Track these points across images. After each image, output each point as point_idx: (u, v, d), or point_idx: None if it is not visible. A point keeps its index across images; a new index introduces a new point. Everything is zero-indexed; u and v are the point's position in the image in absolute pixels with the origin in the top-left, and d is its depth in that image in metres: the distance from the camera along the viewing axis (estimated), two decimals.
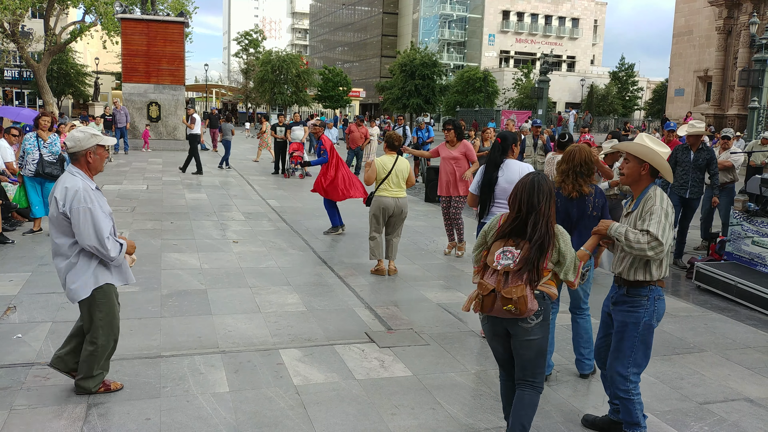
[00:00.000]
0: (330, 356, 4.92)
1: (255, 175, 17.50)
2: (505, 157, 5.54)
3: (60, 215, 3.82)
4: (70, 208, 3.78)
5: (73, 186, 3.81)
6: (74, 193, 3.79)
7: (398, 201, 7.32)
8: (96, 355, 4.03)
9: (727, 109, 38.07)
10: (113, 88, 54.05)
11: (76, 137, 3.87)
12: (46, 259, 7.48)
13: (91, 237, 3.79)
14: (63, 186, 3.84)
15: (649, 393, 4.50)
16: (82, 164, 3.93)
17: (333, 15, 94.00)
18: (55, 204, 3.82)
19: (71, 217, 3.78)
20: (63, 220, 3.82)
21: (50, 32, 31.85)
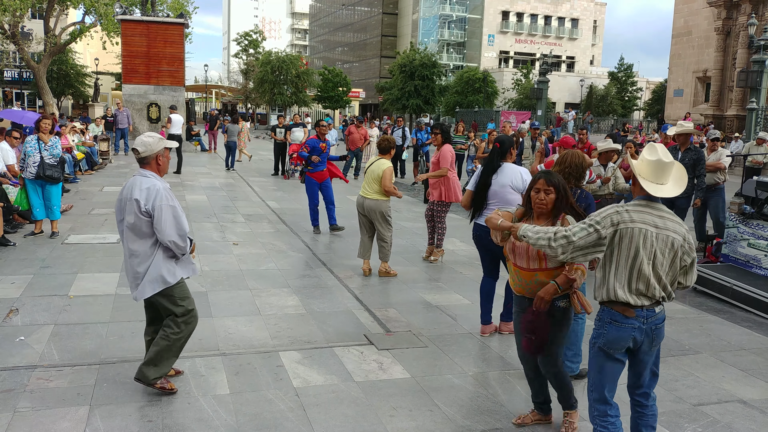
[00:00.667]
0: (329, 358, 4.98)
1: (255, 176, 17.56)
2: (503, 161, 5.60)
3: (142, 215, 4.01)
4: (152, 206, 4.01)
5: (153, 186, 4.06)
6: (156, 191, 4.03)
7: (365, 200, 7.39)
8: (170, 345, 4.19)
9: (726, 109, 38.13)
10: (113, 89, 54.04)
11: (146, 142, 4.12)
12: (48, 262, 7.54)
13: (172, 232, 4.04)
14: (143, 188, 4.04)
15: None
16: (153, 166, 4.18)
17: (333, 15, 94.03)
18: (136, 205, 4.00)
19: (154, 214, 4.01)
20: (145, 220, 4.03)
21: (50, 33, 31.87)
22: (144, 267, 4.12)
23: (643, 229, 3.15)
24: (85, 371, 4.56)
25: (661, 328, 3.31)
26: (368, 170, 7.45)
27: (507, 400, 4.40)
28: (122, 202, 4.15)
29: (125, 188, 4.17)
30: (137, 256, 4.12)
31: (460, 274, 7.84)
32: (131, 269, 4.17)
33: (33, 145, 8.67)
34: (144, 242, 4.10)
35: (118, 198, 4.20)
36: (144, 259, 4.12)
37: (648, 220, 3.17)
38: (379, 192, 7.35)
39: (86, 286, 6.64)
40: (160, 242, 4.11)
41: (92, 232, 9.30)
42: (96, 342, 5.13)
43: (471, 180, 5.75)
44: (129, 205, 4.06)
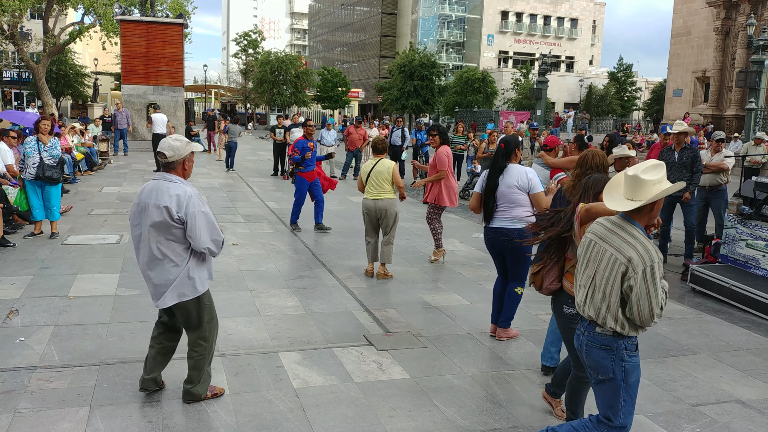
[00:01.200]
0: (329, 359, 5.00)
1: (254, 177, 17.57)
2: (509, 162, 5.61)
3: (174, 222, 3.86)
4: (186, 213, 3.86)
5: (184, 192, 3.89)
6: (188, 198, 3.88)
7: (377, 203, 7.33)
8: (205, 356, 4.15)
9: (725, 109, 38.16)
10: (112, 89, 54.06)
11: (174, 146, 3.95)
12: (48, 262, 7.55)
13: (207, 239, 3.92)
14: (172, 194, 3.87)
15: (642, 395, 4.56)
16: (179, 171, 4.01)
17: (332, 15, 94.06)
18: (166, 213, 3.84)
19: (188, 220, 3.86)
20: (176, 227, 3.88)
21: (49, 33, 31.87)
22: (175, 273, 3.96)
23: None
24: (86, 372, 4.57)
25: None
26: (373, 172, 7.39)
27: (506, 401, 4.42)
28: (141, 207, 3.96)
29: (145, 193, 3.98)
30: (167, 262, 3.94)
31: (459, 274, 7.86)
32: (158, 275, 3.97)
33: (32, 146, 8.68)
34: (176, 247, 3.95)
35: (135, 202, 4.01)
36: (176, 264, 3.96)
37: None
38: (390, 191, 7.37)
39: (86, 286, 6.65)
40: (192, 248, 3.98)
41: (92, 233, 9.31)
42: (96, 343, 5.14)
43: (478, 182, 5.76)
44: (155, 212, 3.87)
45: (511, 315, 5.55)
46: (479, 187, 5.66)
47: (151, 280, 4.01)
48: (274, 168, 18.13)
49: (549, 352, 4.87)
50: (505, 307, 5.53)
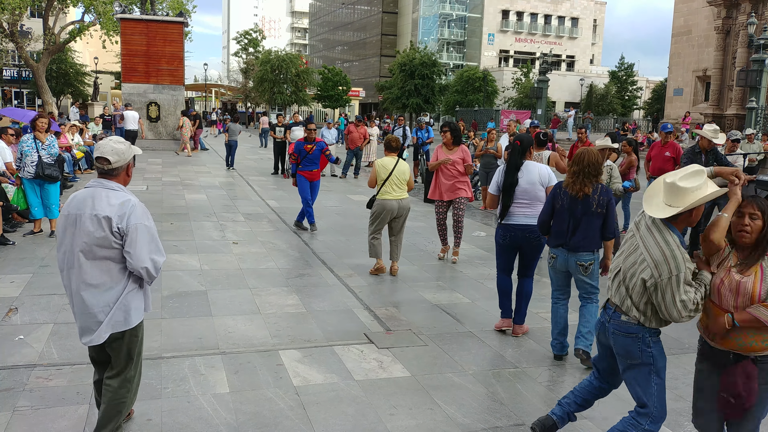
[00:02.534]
0: (329, 357, 4.98)
1: (254, 175, 17.55)
2: (524, 159, 5.64)
3: (111, 235, 3.30)
4: (127, 225, 3.30)
5: (127, 201, 3.35)
6: (131, 208, 3.34)
7: (401, 202, 7.39)
8: (127, 401, 3.57)
9: (726, 108, 38.13)
10: (112, 88, 54.02)
11: (119, 150, 3.41)
12: (47, 261, 7.53)
13: (146, 257, 3.34)
14: (112, 203, 3.33)
15: None
16: (121, 179, 3.48)
17: (332, 14, 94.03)
18: (106, 224, 3.29)
19: (128, 234, 3.31)
20: (113, 241, 3.31)
21: (49, 32, 31.85)
22: (110, 299, 3.38)
23: None
24: (85, 370, 4.54)
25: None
26: (396, 171, 7.37)
27: (507, 399, 4.40)
28: (70, 220, 3.37)
29: (75, 202, 3.40)
30: (99, 287, 3.36)
31: (460, 272, 7.84)
32: (91, 302, 3.36)
33: (30, 145, 8.66)
34: (112, 267, 3.37)
35: (63, 214, 3.43)
36: (110, 289, 3.38)
37: None
38: (406, 190, 7.51)
39: None
40: (129, 270, 3.41)
41: None
42: None
43: (492, 183, 5.77)
44: (91, 223, 3.30)
45: (526, 311, 5.70)
46: (494, 187, 5.68)
47: (84, 309, 3.39)
48: (275, 166, 18.10)
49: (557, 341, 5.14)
50: (523, 304, 5.65)
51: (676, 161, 9.80)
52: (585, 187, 4.68)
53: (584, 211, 4.73)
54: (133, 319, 3.47)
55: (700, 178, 3.06)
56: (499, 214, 5.63)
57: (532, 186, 5.52)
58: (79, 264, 3.36)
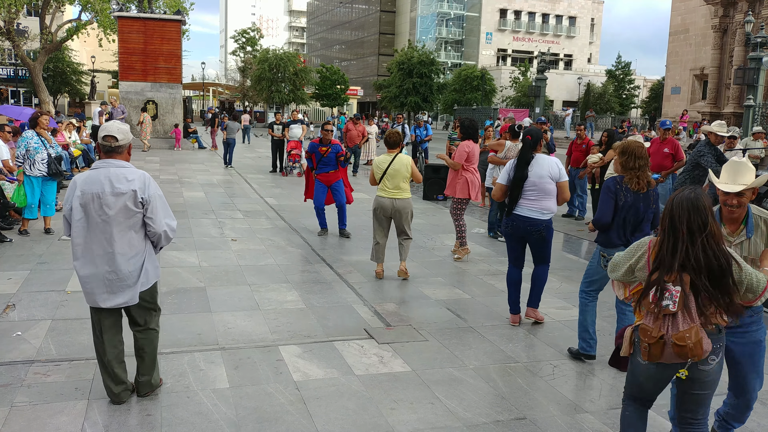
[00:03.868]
0: (329, 352, 4.95)
1: (253, 173, 17.51)
2: (534, 153, 5.65)
3: (134, 207, 3.74)
4: (148, 196, 3.78)
5: (142, 175, 3.82)
6: (149, 181, 3.83)
7: (395, 201, 6.97)
8: (157, 343, 4.15)
9: (723, 107, 38.17)
10: (110, 87, 53.94)
11: (123, 129, 3.88)
12: (45, 258, 7.49)
13: (163, 223, 3.87)
14: (131, 178, 3.75)
15: None
16: (125, 156, 3.89)
17: (330, 13, 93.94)
18: (130, 197, 3.72)
19: (150, 203, 3.79)
20: (136, 211, 3.76)
21: (46, 30, 31.77)
22: (137, 264, 3.83)
23: None
24: (83, 366, 4.52)
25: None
26: (391, 169, 7.00)
27: (508, 393, 4.38)
28: (88, 197, 3.71)
29: (90, 182, 3.73)
30: (125, 255, 3.78)
31: (460, 269, 7.82)
32: (120, 269, 3.77)
33: (37, 142, 8.64)
34: (134, 237, 3.81)
35: (77, 195, 3.74)
36: (137, 255, 3.83)
37: None
38: (408, 190, 7.10)
39: None
40: (147, 235, 3.89)
41: None
42: None
43: (502, 173, 5.77)
44: (115, 200, 3.70)
45: (539, 296, 5.77)
46: (505, 178, 5.69)
47: (112, 276, 3.77)
48: (273, 164, 18.06)
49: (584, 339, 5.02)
50: (537, 288, 5.73)
51: (675, 157, 9.79)
52: (646, 181, 4.65)
53: (646, 207, 4.66)
54: (152, 277, 3.97)
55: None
56: (507, 206, 5.63)
57: (541, 180, 5.52)
58: (104, 236, 3.75)
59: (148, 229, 3.85)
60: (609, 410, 4.19)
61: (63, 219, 3.91)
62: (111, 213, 3.71)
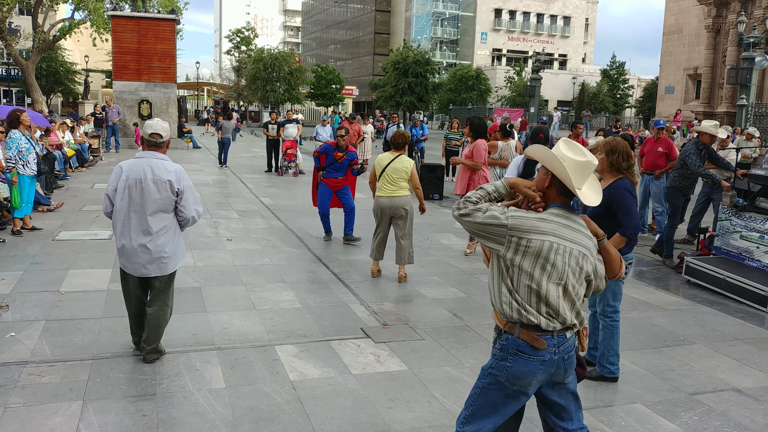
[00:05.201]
0: (326, 352, 4.95)
1: (248, 173, 17.48)
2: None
3: (171, 195, 4.45)
4: (183, 187, 4.48)
5: (179, 168, 4.52)
6: (183, 173, 4.53)
7: (393, 200, 6.96)
8: (167, 318, 4.72)
9: (716, 106, 38.30)
10: (103, 86, 53.74)
11: (166, 128, 4.58)
12: (39, 258, 7.46)
13: (192, 209, 4.57)
14: (169, 169, 4.45)
15: (641, 384, 4.57)
16: (164, 150, 4.57)
17: (325, 12, 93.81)
18: (169, 186, 4.42)
19: (183, 192, 4.49)
20: (172, 199, 4.46)
21: (39, 29, 31.61)
22: (167, 241, 4.50)
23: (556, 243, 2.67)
24: (78, 366, 4.51)
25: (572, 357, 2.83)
26: (389, 168, 6.98)
27: None
28: (131, 181, 4.40)
29: (135, 169, 4.43)
30: (158, 234, 4.46)
31: (455, 268, 7.82)
32: (155, 245, 4.45)
33: (27, 141, 8.62)
34: (164, 219, 4.48)
35: (125, 176, 4.43)
36: (167, 233, 4.51)
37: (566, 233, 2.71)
38: (407, 188, 7.05)
39: (78, 282, 6.57)
40: (176, 217, 4.57)
41: (83, 229, 9.22)
42: (88, 337, 5.07)
43: (510, 170, 5.78)
44: (155, 187, 4.39)
45: None
46: (513, 174, 5.69)
47: (150, 250, 4.45)
48: (268, 164, 18.03)
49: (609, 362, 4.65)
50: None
51: (669, 156, 9.82)
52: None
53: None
54: (180, 257, 4.68)
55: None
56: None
57: None
58: (141, 216, 4.43)
59: (179, 214, 4.54)
60: (605, 408, 4.21)
61: (105, 197, 4.55)
62: (150, 197, 4.40)
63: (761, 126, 24.37)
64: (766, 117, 27.09)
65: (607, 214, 4.24)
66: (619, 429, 3.94)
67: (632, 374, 4.76)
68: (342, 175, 8.91)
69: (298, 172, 17.32)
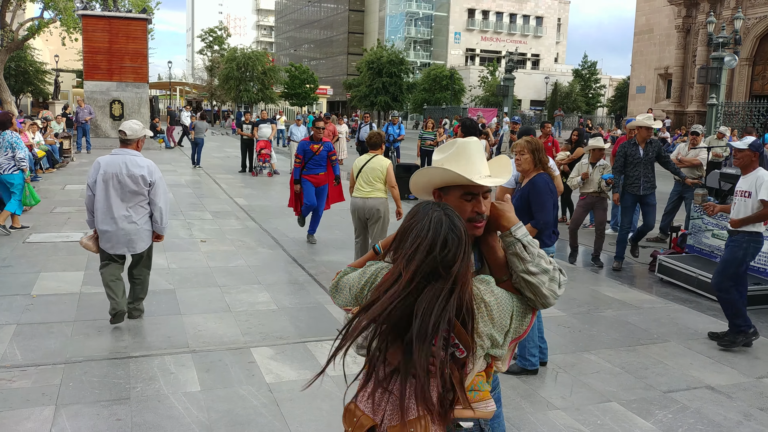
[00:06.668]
0: (302, 353, 4.93)
1: (222, 173, 17.32)
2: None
3: (143, 186, 5.13)
4: (154, 179, 5.16)
5: (149, 163, 5.18)
6: (153, 167, 5.20)
7: (367, 201, 6.83)
8: (147, 279, 5.56)
9: (687, 105, 39.02)
10: (74, 87, 52.78)
11: (134, 128, 5.19)
12: (9, 261, 7.31)
13: (161, 201, 5.27)
14: (142, 164, 5.12)
15: (615, 383, 4.62)
16: (135, 146, 5.20)
17: (298, 12, 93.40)
18: (141, 179, 5.09)
19: (155, 183, 5.17)
20: (145, 189, 5.15)
21: (7, 28, 30.94)
22: (142, 226, 5.22)
23: None
24: (50, 371, 4.42)
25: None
26: (365, 168, 6.84)
27: None
28: (108, 176, 5.05)
29: (110, 164, 5.07)
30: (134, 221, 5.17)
31: None
32: (131, 229, 5.17)
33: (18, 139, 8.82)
34: (138, 209, 5.18)
35: (103, 171, 5.06)
36: (139, 220, 5.20)
37: None
38: (382, 190, 6.89)
39: (49, 285, 6.45)
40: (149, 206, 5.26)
41: (55, 231, 9.04)
42: (61, 341, 4.97)
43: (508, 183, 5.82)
44: (130, 180, 5.05)
45: None
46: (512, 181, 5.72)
47: (125, 234, 5.16)
48: (242, 164, 17.89)
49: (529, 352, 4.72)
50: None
51: None
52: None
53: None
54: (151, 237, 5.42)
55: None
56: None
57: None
58: (119, 206, 5.12)
59: (152, 202, 5.22)
60: (581, 407, 4.25)
61: (86, 188, 5.20)
62: (125, 189, 5.08)
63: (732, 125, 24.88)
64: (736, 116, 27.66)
65: (528, 207, 4.54)
66: (594, 428, 3.98)
67: (607, 372, 4.82)
68: (323, 171, 8.81)
69: (273, 172, 17.21)
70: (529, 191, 4.58)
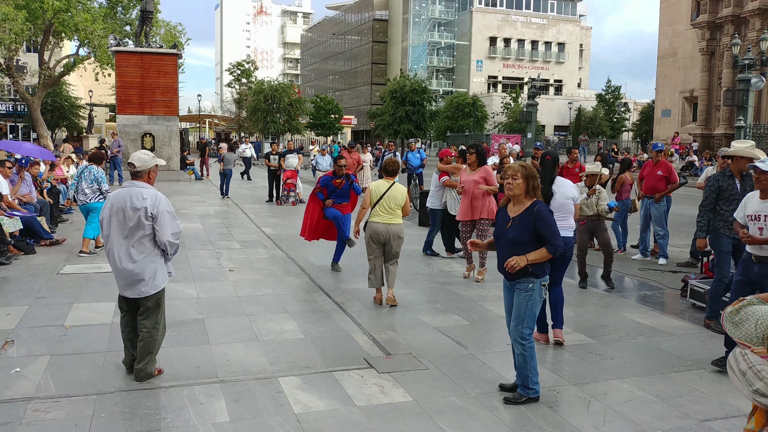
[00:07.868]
0: (329, 383, 4.93)
1: (249, 203, 17.54)
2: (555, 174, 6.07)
3: (146, 220, 4.71)
4: (157, 211, 4.73)
5: (155, 194, 4.79)
6: (159, 199, 4.78)
7: (390, 227, 7.11)
8: (158, 338, 4.93)
9: (714, 128, 38.57)
10: (107, 120, 54.21)
11: (143, 159, 4.88)
12: (43, 292, 7.47)
13: (168, 235, 4.78)
14: (146, 196, 4.74)
15: (649, 411, 4.53)
16: (145, 179, 4.88)
17: (323, 45, 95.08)
18: (143, 213, 4.70)
19: (158, 218, 4.73)
20: (147, 223, 4.72)
21: (45, 66, 32.04)
22: (148, 265, 4.77)
23: None
24: (83, 402, 4.49)
25: None
26: (387, 195, 7.17)
27: (511, 421, 4.35)
28: (114, 210, 4.76)
29: (118, 198, 4.78)
30: (139, 256, 4.75)
31: (457, 294, 7.81)
32: (135, 267, 4.74)
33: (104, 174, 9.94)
34: (144, 245, 4.76)
35: (110, 204, 4.80)
36: (148, 257, 4.77)
37: None
38: (400, 216, 7.26)
39: (82, 315, 6.57)
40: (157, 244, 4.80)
41: (87, 262, 9.23)
42: (93, 372, 5.05)
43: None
44: (133, 213, 4.70)
45: (560, 316, 6.02)
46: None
47: (128, 274, 4.76)
48: (269, 194, 18.11)
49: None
50: (561, 310, 6.00)
51: (669, 179, 9.86)
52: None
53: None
54: (160, 282, 4.89)
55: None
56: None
57: (567, 200, 6.02)
58: (124, 240, 4.76)
59: (156, 237, 4.78)
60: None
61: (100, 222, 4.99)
62: (130, 224, 4.73)
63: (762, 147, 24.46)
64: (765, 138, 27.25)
65: (533, 236, 4.50)
66: None
67: (641, 401, 4.72)
68: (346, 201, 9.07)
69: (298, 201, 17.38)
70: (535, 223, 4.47)
